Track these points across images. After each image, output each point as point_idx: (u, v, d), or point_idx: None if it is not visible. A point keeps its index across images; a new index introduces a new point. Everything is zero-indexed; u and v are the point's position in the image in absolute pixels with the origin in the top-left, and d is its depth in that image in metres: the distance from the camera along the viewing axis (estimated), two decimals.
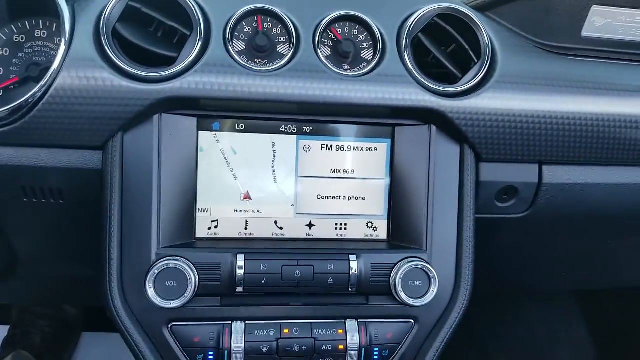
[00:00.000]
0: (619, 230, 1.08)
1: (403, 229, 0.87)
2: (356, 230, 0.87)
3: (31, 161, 0.78)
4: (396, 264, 0.82)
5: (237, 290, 0.78)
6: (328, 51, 0.83)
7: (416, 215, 0.85)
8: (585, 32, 0.91)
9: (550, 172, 0.92)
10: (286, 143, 0.84)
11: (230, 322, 0.80)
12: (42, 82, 0.74)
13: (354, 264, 0.81)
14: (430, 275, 0.82)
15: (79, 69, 0.74)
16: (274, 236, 0.85)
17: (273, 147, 0.84)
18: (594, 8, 0.89)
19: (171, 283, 0.76)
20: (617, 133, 0.90)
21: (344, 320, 0.83)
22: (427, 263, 0.82)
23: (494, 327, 1.70)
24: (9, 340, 1.68)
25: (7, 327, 1.72)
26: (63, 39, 0.75)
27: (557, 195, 0.93)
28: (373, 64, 0.82)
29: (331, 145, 0.86)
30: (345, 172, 0.86)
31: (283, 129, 0.84)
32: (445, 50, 0.87)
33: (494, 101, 0.84)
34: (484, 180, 0.89)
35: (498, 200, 0.93)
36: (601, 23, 0.90)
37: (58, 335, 1.73)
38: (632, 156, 0.93)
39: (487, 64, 0.84)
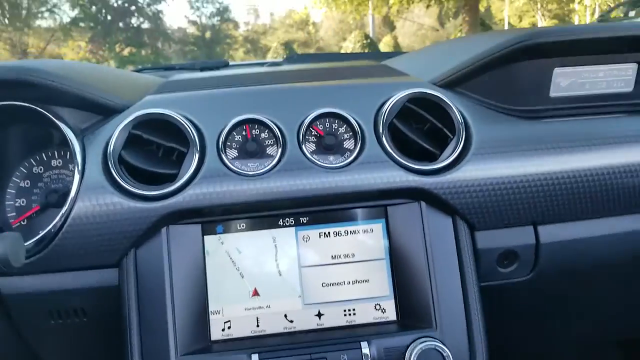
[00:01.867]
0: (628, 278, 1.04)
1: (411, 307, 0.87)
2: (365, 314, 0.88)
3: (55, 286, 0.84)
4: (408, 345, 0.81)
5: None
6: (313, 147, 0.89)
7: (421, 292, 0.86)
8: (553, 93, 0.95)
9: (547, 232, 0.91)
10: (286, 236, 0.88)
11: None
12: (62, 212, 0.81)
13: (366, 351, 0.80)
14: (444, 354, 0.80)
15: (92, 196, 0.82)
16: (285, 330, 0.87)
17: (274, 242, 0.88)
18: (557, 70, 0.93)
19: None
20: (604, 185, 0.90)
21: None
22: (440, 342, 0.81)
23: None
24: None
25: None
26: (76, 170, 0.83)
27: (558, 252, 0.92)
28: (355, 153, 0.87)
29: (329, 232, 0.89)
30: (346, 256, 0.89)
31: (282, 223, 0.88)
32: (422, 128, 0.92)
33: (475, 172, 0.87)
34: (482, 248, 0.90)
35: (500, 266, 0.92)
36: (567, 82, 0.94)
37: None
38: (630, 203, 0.92)
39: (462, 138, 0.88)
